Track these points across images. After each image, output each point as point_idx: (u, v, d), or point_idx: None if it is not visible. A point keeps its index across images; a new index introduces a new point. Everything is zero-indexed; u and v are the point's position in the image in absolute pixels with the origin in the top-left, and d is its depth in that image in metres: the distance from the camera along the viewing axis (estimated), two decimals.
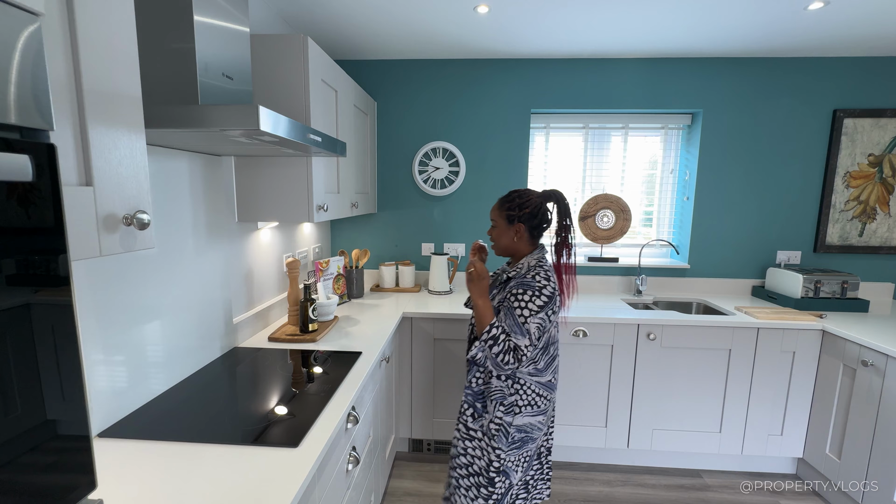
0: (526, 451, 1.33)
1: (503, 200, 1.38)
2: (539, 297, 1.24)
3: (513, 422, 1.30)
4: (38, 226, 0.37)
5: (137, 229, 0.74)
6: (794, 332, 2.01)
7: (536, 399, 1.32)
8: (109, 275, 1.06)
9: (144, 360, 1.17)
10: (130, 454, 0.94)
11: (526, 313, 1.23)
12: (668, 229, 2.72)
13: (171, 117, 0.87)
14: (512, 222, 1.35)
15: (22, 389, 0.39)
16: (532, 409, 1.32)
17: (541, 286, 1.25)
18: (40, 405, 0.42)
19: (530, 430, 1.32)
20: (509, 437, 1.30)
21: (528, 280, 1.26)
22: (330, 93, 1.77)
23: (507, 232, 1.36)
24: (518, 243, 1.36)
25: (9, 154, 0.29)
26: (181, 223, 1.33)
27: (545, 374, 1.33)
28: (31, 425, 0.42)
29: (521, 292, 1.24)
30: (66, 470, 0.43)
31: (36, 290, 0.38)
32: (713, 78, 2.42)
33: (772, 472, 2.19)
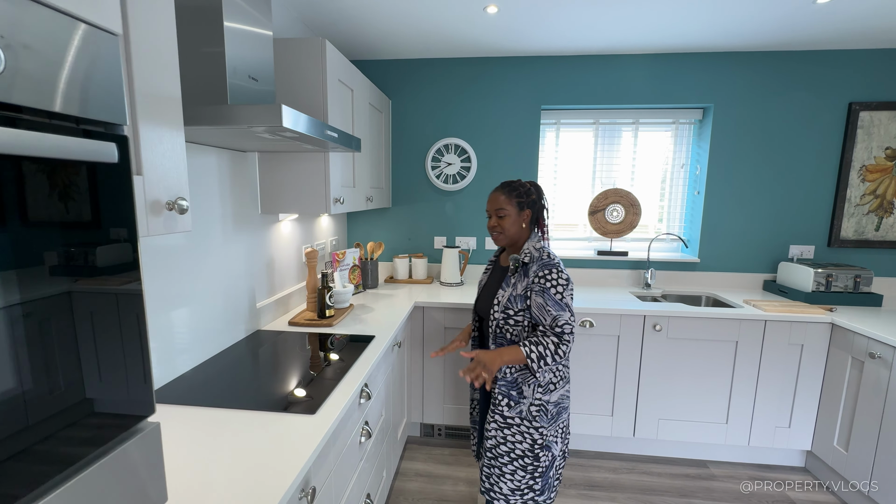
0: (562, 421, 1.41)
1: (510, 189, 1.41)
2: (563, 272, 1.31)
3: (550, 399, 1.36)
4: (116, 211, 0.47)
5: (178, 214, 0.85)
6: (802, 325, 2.02)
7: (564, 371, 1.40)
8: (150, 267, 1.18)
9: (176, 339, 1.29)
10: (168, 416, 1.06)
11: (560, 289, 1.29)
12: (678, 224, 2.74)
13: (204, 116, 0.98)
14: (522, 209, 1.40)
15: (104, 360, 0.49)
16: (563, 382, 1.40)
17: (561, 267, 1.32)
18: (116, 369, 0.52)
19: (562, 401, 1.40)
20: (548, 414, 1.36)
21: (547, 260, 1.32)
22: (346, 92, 1.87)
23: (518, 219, 1.41)
24: (525, 230, 1.42)
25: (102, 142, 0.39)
26: (211, 214, 1.44)
27: None
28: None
29: (548, 272, 1.30)
30: (126, 396, 0.53)
31: (112, 273, 0.47)
32: (724, 72, 2.42)
33: (779, 465, 2.21)
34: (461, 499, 1.94)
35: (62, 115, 0.37)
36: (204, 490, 0.80)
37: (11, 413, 0.36)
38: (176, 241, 1.29)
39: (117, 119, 0.44)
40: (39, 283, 0.38)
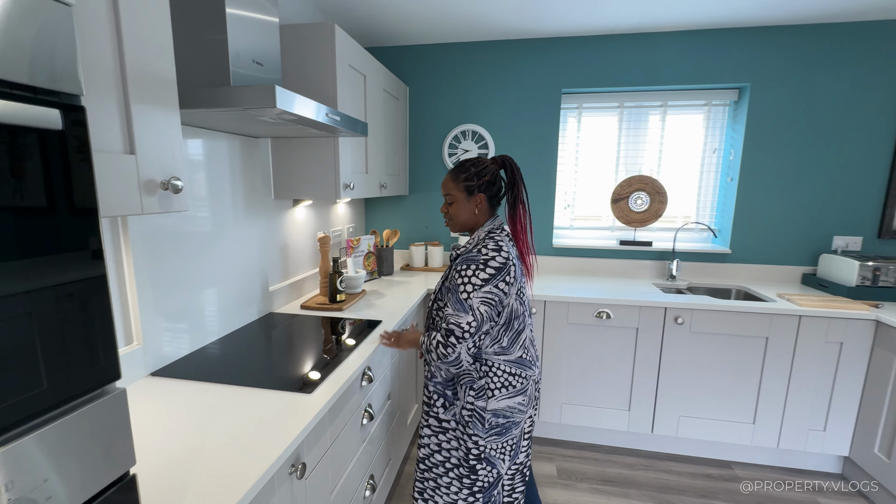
0: (510, 437, 1.25)
1: (458, 172, 1.27)
2: (483, 269, 1.16)
3: (487, 406, 1.22)
4: (72, 185, 0.48)
5: (173, 193, 0.88)
6: (842, 321, 1.86)
7: (510, 379, 1.23)
8: (162, 249, 1.23)
9: (189, 319, 1.35)
10: (174, 389, 1.11)
11: (469, 289, 1.15)
12: (709, 212, 2.59)
13: (202, 99, 1.00)
14: (472, 193, 1.26)
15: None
16: (508, 391, 1.23)
17: (486, 258, 1.17)
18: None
19: (511, 415, 1.23)
20: (486, 423, 1.22)
21: (473, 255, 1.19)
22: (358, 78, 1.87)
23: (467, 205, 1.27)
24: (479, 216, 1.28)
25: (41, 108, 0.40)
26: (223, 199, 1.49)
27: (512, 350, 1.24)
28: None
29: (465, 268, 1.18)
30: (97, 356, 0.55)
31: (72, 249, 0.48)
32: (763, 49, 2.24)
33: (812, 470, 2.07)
34: None
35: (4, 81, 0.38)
36: (192, 458, 0.83)
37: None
38: (191, 226, 1.34)
39: (72, 90, 0.45)
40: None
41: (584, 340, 2.11)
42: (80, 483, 0.49)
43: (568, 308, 2.09)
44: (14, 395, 0.43)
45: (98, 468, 0.51)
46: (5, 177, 0.40)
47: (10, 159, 0.40)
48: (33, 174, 0.43)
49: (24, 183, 0.42)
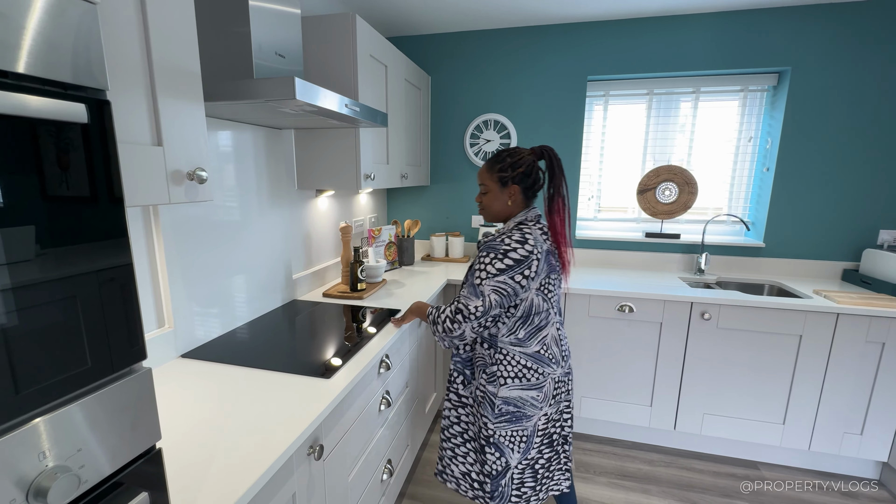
0: (520, 428, 1.26)
1: (493, 162, 1.27)
2: (501, 259, 1.16)
3: (497, 392, 1.24)
4: (96, 177, 0.50)
5: (198, 183, 0.91)
6: (884, 320, 1.76)
7: (524, 371, 1.24)
8: (192, 237, 1.28)
9: (217, 304, 1.41)
10: (202, 370, 1.17)
11: (483, 276, 1.18)
12: (742, 204, 2.48)
13: (225, 91, 1.03)
14: (506, 184, 1.25)
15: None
16: (521, 383, 1.24)
17: (507, 248, 1.17)
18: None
19: (521, 406, 1.24)
20: (495, 409, 1.25)
21: (496, 244, 1.19)
22: (379, 68, 1.87)
23: (501, 196, 1.26)
24: (512, 207, 1.27)
25: (69, 102, 0.42)
26: (248, 189, 1.54)
27: (529, 344, 1.24)
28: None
29: (484, 255, 1.20)
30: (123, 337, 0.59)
31: (93, 242, 0.51)
32: (805, 29, 2.11)
33: (846, 474, 1.98)
34: None
35: (31, 77, 0.40)
36: (216, 435, 0.88)
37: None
38: (219, 215, 1.39)
39: (98, 84, 0.47)
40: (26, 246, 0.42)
41: (605, 334, 2.08)
42: (110, 454, 0.52)
43: (589, 300, 2.05)
44: (54, 372, 0.47)
45: (126, 441, 0.54)
46: (36, 169, 0.43)
47: (39, 152, 0.42)
48: (61, 166, 0.45)
49: (53, 175, 0.44)
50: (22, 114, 0.39)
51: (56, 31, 0.43)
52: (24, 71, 0.39)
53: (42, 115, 0.40)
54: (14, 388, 0.43)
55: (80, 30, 0.45)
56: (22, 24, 0.39)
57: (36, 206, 0.44)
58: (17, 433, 0.43)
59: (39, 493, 0.44)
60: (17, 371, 0.43)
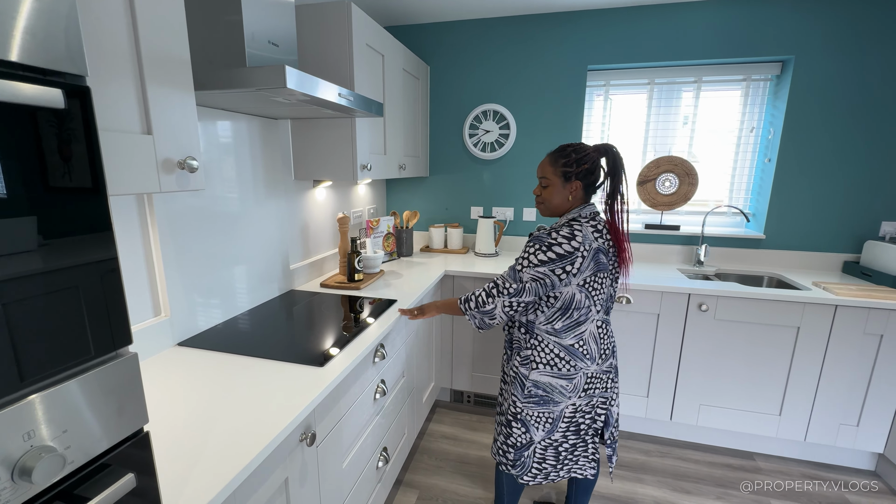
0: (547, 410, 1.31)
1: (558, 156, 1.26)
2: (545, 252, 1.18)
3: (528, 375, 1.30)
4: (77, 167, 0.51)
5: (189, 172, 0.91)
6: (883, 312, 1.75)
7: (556, 360, 1.27)
8: (187, 227, 1.29)
9: (214, 294, 1.42)
10: (197, 358, 1.18)
11: (525, 263, 1.22)
12: (743, 195, 2.46)
13: (216, 80, 1.03)
14: (569, 179, 1.24)
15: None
16: (551, 370, 1.27)
17: (553, 242, 1.18)
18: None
19: (550, 391, 1.29)
20: (524, 389, 1.31)
21: (543, 236, 1.21)
22: (376, 57, 1.86)
23: (563, 191, 1.26)
24: (572, 202, 1.27)
25: (45, 88, 0.42)
26: (244, 179, 1.54)
27: (565, 336, 1.26)
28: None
29: (530, 245, 1.23)
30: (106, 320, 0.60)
31: (77, 234, 0.52)
32: (810, 17, 2.07)
33: (842, 466, 1.98)
34: (482, 463, 1.98)
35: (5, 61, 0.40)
36: (209, 421, 0.89)
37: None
38: (215, 205, 1.39)
39: (78, 70, 0.47)
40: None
41: None
42: (96, 436, 0.53)
43: None
44: (35, 353, 0.47)
45: (113, 424, 0.55)
46: (14, 158, 0.43)
47: (15, 140, 0.43)
48: (41, 155, 0.46)
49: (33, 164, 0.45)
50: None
51: (33, 15, 0.43)
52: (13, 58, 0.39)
53: (17, 101, 0.40)
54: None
55: (58, 13, 0.45)
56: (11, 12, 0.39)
57: (34, 197, 0.44)
58: (3, 413, 0.44)
59: (24, 472, 0.45)
60: (1, 354, 0.44)
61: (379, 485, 1.53)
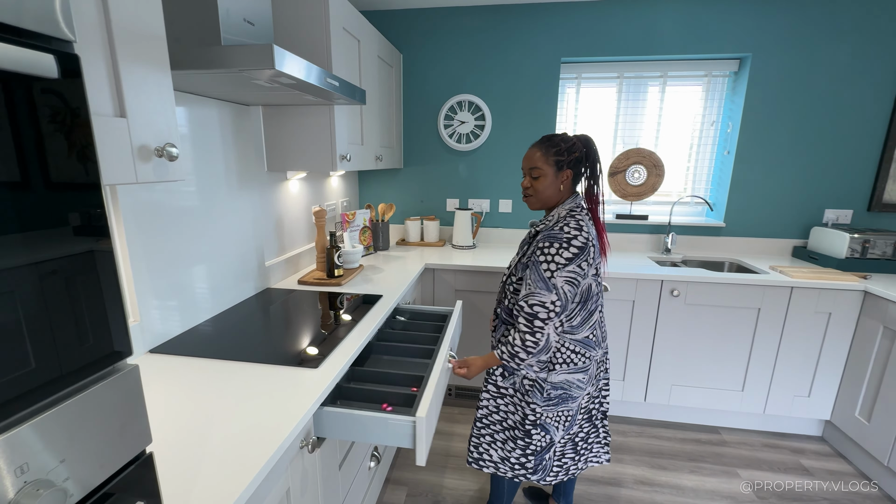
0: (565, 408, 1.29)
1: (548, 146, 1.23)
2: (567, 248, 1.14)
3: (547, 378, 1.25)
4: (69, 141, 0.43)
5: (168, 161, 0.82)
6: (832, 292, 1.91)
7: (572, 357, 1.25)
8: (155, 223, 1.17)
9: (187, 294, 1.31)
10: (176, 365, 1.08)
11: (553, 267, 1.14)
12: (704, 186, 2.59)
13: (193, 59, 0.93)
14: (561, 168, 1.22)
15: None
16: (569, 367, 1.25)
17: (570, 237, 1.14)
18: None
19: (568, 388, 1.26)
20: (544, 393, 1.25)
21: (556, 232, 1.16)
22: (352, 42, 1.77)
23: (555, 181, 1.23)
24: (563, 192, 1.26)
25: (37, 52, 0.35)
26: (215, 170, 1.42)
27: (580, 330, 1.25)
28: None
29: (548, 245, 1.15)
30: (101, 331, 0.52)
31: (71, 213, 0.44)
32: (766, 17, 2.20)
33: (795, 434, 2.17)
34: (465, 454, 1.97)
35: None
36: (202, 435, 0.82)
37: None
38: (184, 199, 1.28)
39: (65, 35, 0.40)
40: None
41: None
42: (96, 463, 0.46)
43: None
44: (24, 372, 0.40)
45: (115, 447, 0.48)
46: None
47: None
48: (35, 131, 0.38)
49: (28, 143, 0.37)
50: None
51: None
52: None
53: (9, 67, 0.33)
54: None
55: None
56: None
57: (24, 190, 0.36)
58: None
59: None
60: None
61: (371, 485, 1.49)
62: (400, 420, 0.99)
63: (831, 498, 1.77)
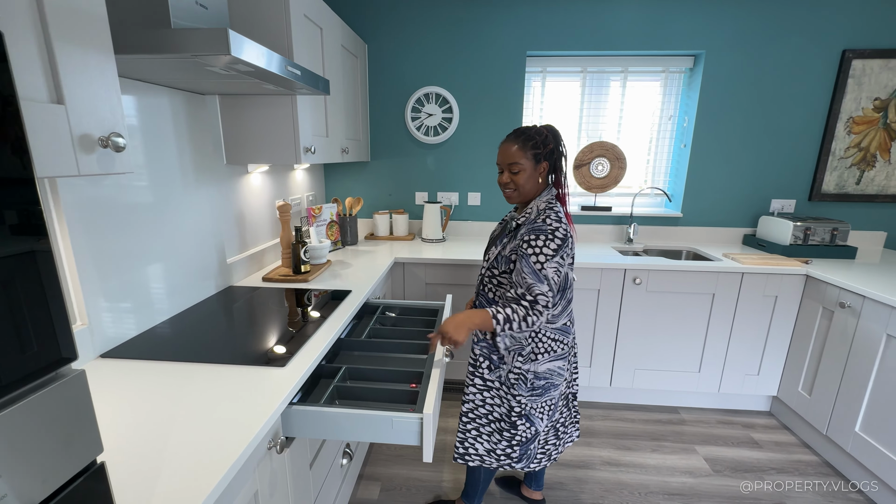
0: (549, 397, 1.32)
1: (524, 139, 1.23)
2: (553, 239, 1.16)
3: (531, 368, 1.28)
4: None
5: (114, 151, 0.76)
6: (778, 276, 2.04)
7: (552, 345, 1.29)
8: (103, 219, 1.09)
9: (142, 294, 1.23)
10: (130, 370, 1.02)
11: (542, 259, 1.15)
12: (664, 178, 2.70)
13: (141, 42, 0.87)
14: (539, 161, 1.24)
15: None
16: (550, 355, 1.29)
17: (553, 228, 1.17)
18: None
19: (550, 377, 1.30)
20: (528, 384, 1.28)
21: (539, 224, 1.18)
22: (314, 30, 1.71)
23: (534, 174, 1.24)
24: (541, 185, 1.27)
25: None
26: (168, 163, 1.34)
27: (560, 318, 1.29)
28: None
29: (535, 238, 1.17)
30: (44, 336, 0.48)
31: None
32: (718, 16, 2.30)
33: (746, 410, 2.32)
34: (441, 446, 1.99)
35: None
36: (160, 441, 0.77)
37: None
38: (134, 195, 1.20)
39: None
40: None
41: None
42: (39, 478, 0.43)
43: None
44: None
45: (60, 460, 0.45)
46: None
47: None
48: None
49: None
50: None
51: None
52: None
53: None
54: None
55: None
56: None
57: None
58: None
59: None
60: None
61: (343, 482, 1.47)
62: (406, 418, 0.97)
63: (778, 467, 1.91)
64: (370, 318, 1.59)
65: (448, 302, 1.63)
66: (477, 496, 1.53)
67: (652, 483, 1.81)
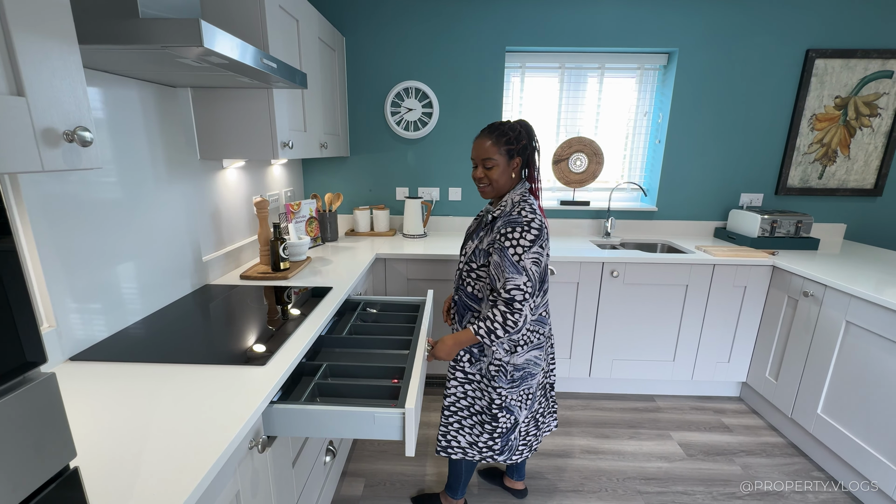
0: (526, 387, 1.34)
1: (498, 135, 1.24)
2: (529, 230, 1.18)
3: (510, 360, 1.30)
4: None
5: (80, 146, 0.73)
6: (746, 268, 2.13)
7: (530, 336, 1.32)
8: (70, 217, 1.05)
9: (113, 294, 1.19)
10: (102, 372, 0.99)
11: (519, 251, 1.17)
12: (639, 172, 2.77)
13: (107, 32, 0.83)
14: (513, 156, 1.25)
15: None
16: (528, 347, 1.32)
17: (528, 220, 1.19)
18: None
19: (528, 367, 1.32)
20: (508, 375, 1.30)
21: (515, 217, 1.20)
22: (290, 22, 1.68)
23: (507, 169, 1.26)
24: (514, 179, 1.29)
25: None
26: (138, 158, 1.29)
27: (537, 309, 1.32)
28: None
29: (511, 230, 1.18)
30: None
31: None
32: (692, 15, 2.36)
33: (718, 396, 2.41)
34: (423, 441, 2.00)
35: None
36: (136, 445, 0.76)
37: None
38: (102, 191, 1.15)
39: None
40: None
41: None
42: (9, 485, 0.41)
43: None
44: None
45: (30, 466, 0.43)
46: None
47: None
48: None
49: None
50: None
51: None
52: None
53: None
54: None
55: None
56: None
57: None
58: None
59: None
60: None
61: (327, 479, 1.46)
62: (388, 413, 0.97)
63: (747, 450, 2.00)
64: (351, 315, 1.58)
65: (429, 297, 1.63)
66: (460, 488, 1.55)
67: (629, 469, 1.87)
